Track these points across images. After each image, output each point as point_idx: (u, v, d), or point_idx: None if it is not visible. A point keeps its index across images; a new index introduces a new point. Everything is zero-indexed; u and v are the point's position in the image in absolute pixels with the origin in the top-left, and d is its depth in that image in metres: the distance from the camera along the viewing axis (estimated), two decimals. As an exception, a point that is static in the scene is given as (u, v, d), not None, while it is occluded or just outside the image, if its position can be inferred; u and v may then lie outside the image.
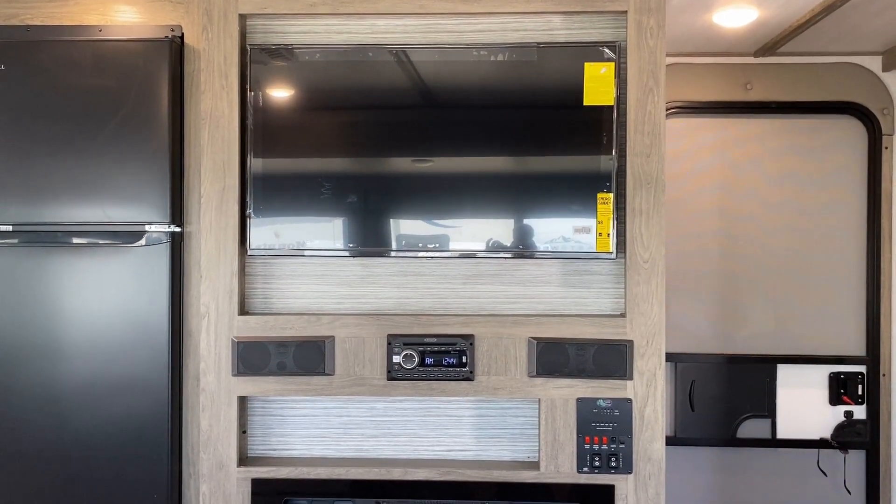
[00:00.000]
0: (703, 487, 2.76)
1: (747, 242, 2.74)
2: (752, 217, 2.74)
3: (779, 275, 2.73)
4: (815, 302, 2.72)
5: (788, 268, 2.73)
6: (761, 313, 2.74)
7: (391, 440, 2.15)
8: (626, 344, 2.01)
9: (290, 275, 2.14)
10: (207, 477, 2.07)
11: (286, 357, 2.04)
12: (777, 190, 2.74)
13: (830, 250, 2.73)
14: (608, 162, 2.00)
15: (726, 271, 2.75)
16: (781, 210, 2.73)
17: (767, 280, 2.74)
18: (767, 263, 2.74)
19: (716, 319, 2.75)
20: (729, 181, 2.75)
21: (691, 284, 2.74)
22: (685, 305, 2.72)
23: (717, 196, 2.75)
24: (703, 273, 2.75)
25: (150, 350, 2.08)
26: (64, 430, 2.09)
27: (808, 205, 2.73)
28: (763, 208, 2.74)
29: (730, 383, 2.73)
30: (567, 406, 2.03)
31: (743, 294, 2.74)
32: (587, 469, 2.03)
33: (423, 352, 2.04)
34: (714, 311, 2.75)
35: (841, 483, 2.71)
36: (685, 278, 2.73)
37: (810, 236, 2.73)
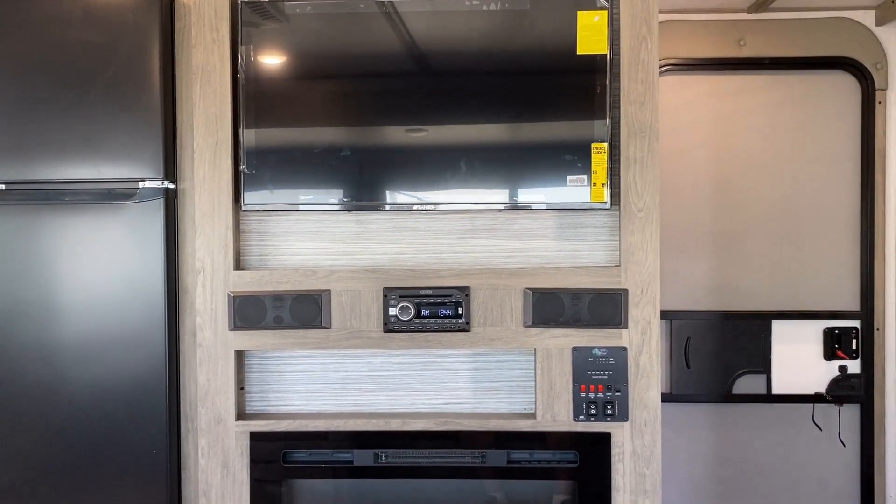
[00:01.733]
0: (699, 443, 2.78)
1: (741, 199, 2.75)
2: (745, 174, 2.75)
3: (773, 231, 2.74)
4: (810, 257, 2.73)
5: (782, 224, 2.74)
6: (756, 270, 2.75)
7: (389, 394, 2.16)
8: (621, 293, 2.02)
9: (284, 232, 2.14)
10: (206, 431, 2.08)
11: (283, 311, 2.04)
12: (771, 146, 2.74)
13: (824, 206, 2.73)
14: (602, 111, 2.00)
15: (720, 228, 2.75)
16: (775, 166, 2.74)
17: (762, 236, 2.74)
18: (761, 220, 2.74)
19: (710, 276, 2.75)
20: (723, 138, 2.75)
21: (686, 242, 2.75)
22: (680, 263, 2.73)
23: (711, 153, 2.75)
24: (697, 231, 2.75)
25: (146, 306, 2.08)
26: (61, 388, 2.09)
27: (802, 160, 2.73)
28: (757, 165, 2.74)
29: (725, 340, 2.75)
30: (563, 355, 2.04)
31: (737, 251, 2.75)
32: (583, 417, 2.04)
33: (419, 304, 2.04)
34: (708, 268, 2.75)
35: (835, 436, 2.73)
36: (680, 236, 2.73)
37: (804, 192, 2.73)
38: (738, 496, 2.78)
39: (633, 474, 2.05)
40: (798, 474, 2.76)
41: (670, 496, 2.72)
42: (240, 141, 2.05)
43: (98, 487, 2.10)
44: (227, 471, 2.08)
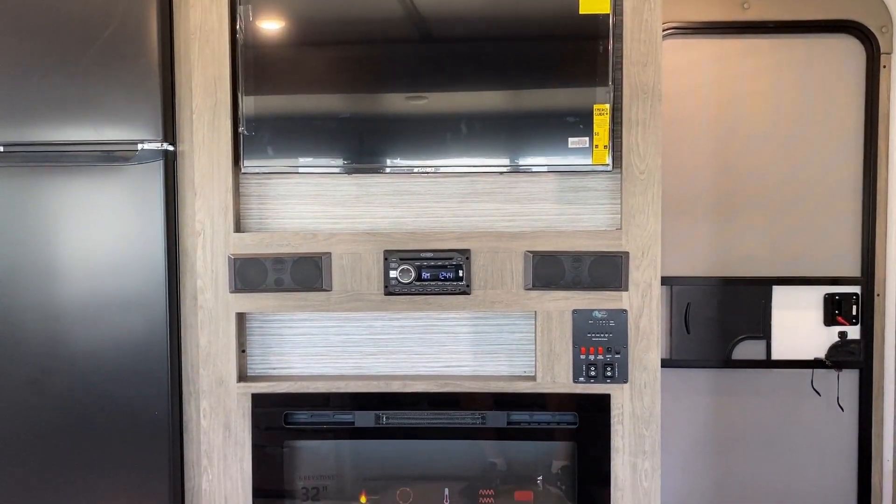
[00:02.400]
0: (698, 409, 2.79)
1: (743, 164, 2.73)
2: (747, 138, 2.73)
3: (774, 196, 2.72)
4: (811, 223, 2.72)
5: (784, 189, 2.72)
6: (757, 235, 2.74)
7: (389, 357, 2.16)
8: (622, 255, 2.02)
9: (284, 195, 2.13)
10: (207, 393, 2.09)
11: (283, 273, 2.04)
12: (774, 111, 2.72)
13: (826, 171, 2.72)
14: (605, 72, 1.98)
15: (722, 194, 2.74)
16: (778, 131, 2.72)
17: (763, 202, 2.73)
18: (763, 185, 2.73)
19: (711, 242, 2.75)
20: (725, 103, 2.73)
21: (686, 208, 2.73)
22: (680, 229, 2.72)
23: (713, 118, 2.73)
24: (698, 196, 2.74)
25: (146, 269, 2.08)
26: (62, 350, 2.10)
27: (805, 125, 2.71)
28: (759, 129, 2.72)
29: (725, 306, 2.75)
30: (563, 318, 2.05)
31: (738, 216, 2.74)
32: (583, 379, 2.05)
33: (419, 267, 2.04)
34: (709, 233, 2.75)
35: (834, 401, 2.75)
36: (680, 202, 2.72)
37: (806, 157, 2.71)
38: (736, 460, 2.80)
39: (632, 435, 2.06)
40: (796, 439, 2.78)
41: (669, 460, 2.74)
42: (239, 103, 2.03)
43: (100, 449, 2.12)
44: (228, 432, 2.09)
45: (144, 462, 2.12)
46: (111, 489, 2.13)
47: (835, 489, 2.80)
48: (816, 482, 2.80)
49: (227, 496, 2.11)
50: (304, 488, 2.15)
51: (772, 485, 2.81)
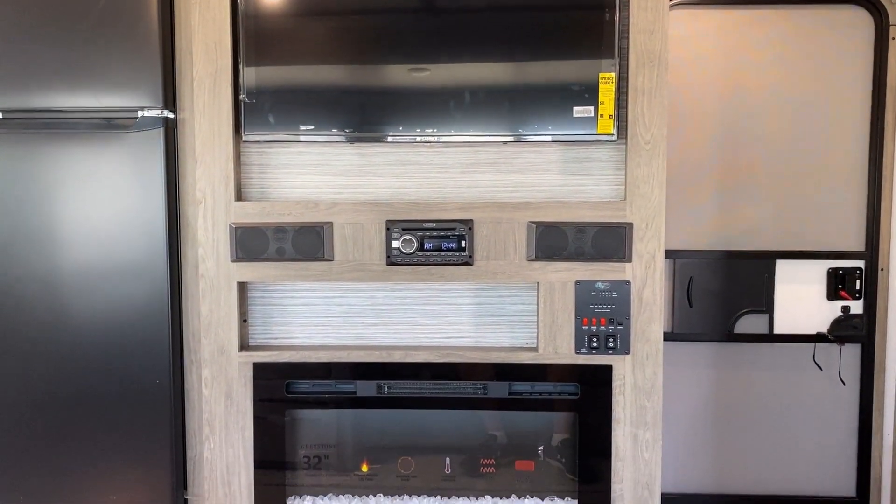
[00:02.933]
0: (700, 382, 2.79)
1: (748, 136, 2.70)
2: (753, 110, 2.69)
3: (779, 169, 2.70)
4: (816, 196, 2.70)
5: (789, 162, 2.69)
6: (761, 209, 2.72)
7: (391, 328, 2.16)
8: (626, 226, 2.00)
9: (286, 164, 2.11)
10: (209, 362, 2.09)
11: (285, 243, 2.03)
12: (780, 82, 2.68)
13: (832, 144, 2.69)
14: (611, 40, 1.95)
15: (726, 166, 2.71)
16: (783, 103, 2.68)
17: (767, 175, 2.70)
18: (768, 158, 2.70)
19: (715, 215, 2.72)
20: (731, 74, 2.69)
21: (690, 180, 2.71)
22: (684, 201, 2.70)
23: (718, 89, 2.69)
24: (702, 169, 2.71)
25: (147, 237, 2.07)
26: (64, 318, 2.10)
27: (812, 97, 2.67)
28: (765, 101, 2.69)
29: (728, 279, 2.73)
30: (565, 289, 2.04)
31: (743, 189, 2.71)
32: (585, 350, 2.05)
33: (422, 237, 2.03)
34: (713, 206, 2.72)
35: (835, 375, 2.74)
36: (684, 174, 2.70)
37: (812, 129, 2.68)
38: (737, 433, 2.80)
39: (633, 406, 2.06)
40: (797, 412, 2.78)
41: (670, 432, 2.74)
42: (240, 70, 2.01)
43: (102, 418, 2.13)
44: (230, 401, 2.10)
45: (146, 430, 2.12)
46: (113, 457, 2.14)
47: (835, 462, 2.81)
48: (816, 455, 2.81)
49: (229, 464, 2.11)
50: (305, 457, 2.16)
51: (772, 457, 2.82)
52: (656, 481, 2.08)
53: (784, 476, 2.81)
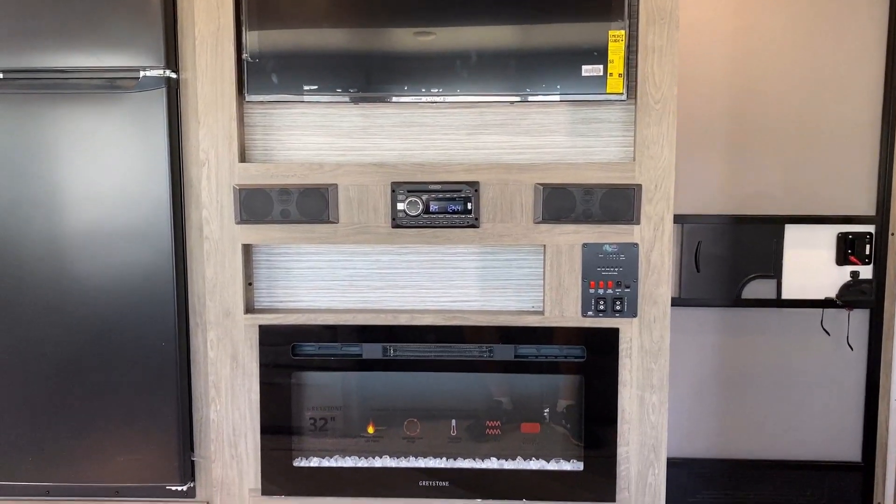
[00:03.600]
0: (707, 347, 2.78)
1: (758, 99, 2.65)
2: (764, 72, 2.64)
3: (790, 132, 2.65)
4: (827, 160, 2.66)
5: (800, 124, 2.65)
6: (771, 172, 2.68)
7: (397, 292, 2.15)
8: (635, 188, 1.97)
9: (289, 125, 2.09)
10: (214, 324, 2.08)
11: (289, 205, 2.01)
12: (792, 43, 2.63)
13: (844, 106, 2.64)
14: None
15: (736, 129, 2.67)
16: (795, 64, 2.63)
17: (778, 138, 2.66)
18: (778, 121, 2.65)
19: (724, 179, 2.69)
20: (742, 34, 2.64)
21: (699, 143, 2.67)
22: (693, 165, 2.66)
23: (729, 50, 2.65)
24: (711, 131, 2.67)
25: (151, 199, 2.05)
26: (69, 282, 2.09)
27: (824, 58, 2.62)
28: (776, 62, 2.64)
29: (736, 244, 2.71)
30: (572, 251, 2.02)
31: (753, 153, 2.67)
32: (591, 313, 2.03)
33: (427, 199, 2.01)
34: (722, 170, 2.69)
35: (843, 341, 2.73)
36: (693, 137, 2.66)
37: (824, 92, 2.63)
38: (743, 398, 2.80)
39: (640, 369, 2.05)
40: (804, 378, 2.77)
41: (676, 398, 2.74)
42: (242, 29, 1.97)
43: (108, 379, 2.13)
44: (236, 363, 2.10)
45: (152, 393, 2.13)
46: (120, 419, 2.14)
47: (841, 427, 2.81)
48: (822, 421, 2.81)
49: (235, 426, 2.12)
50: (312, 419, 2.16)
51: (778, 423, 2.82)
52: (662, 444, 2.08)
53: (789, 441, 2.81)
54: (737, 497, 2.84)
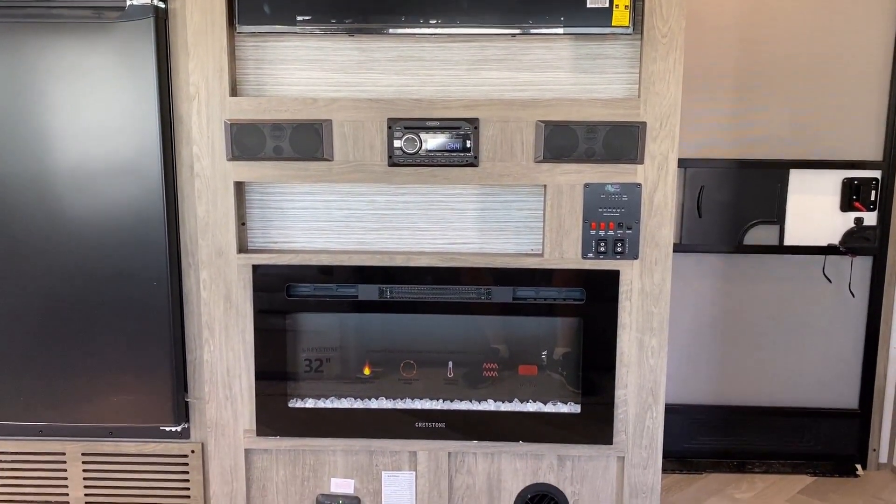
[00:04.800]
0: (707, 294, 2.75)
1: (766, 41, 2.57)
2: (773, 12, 2.55)
3: (797, 74, 2.58)
4: (834, 103, 2.59)
5: (808, 66, 2.57)
6: (776, 116, 2.61)
7: (393, 233, 2.10)
8: (639, 125, 1.92)
9: (282, 59, 2.01)
10: (207, 263, 2.04)
11: (282, 141, 1.95)
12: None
13: (853, 50, 2.56)
14: (628, -77, 1.82)
15: (741, 71, 2.59)
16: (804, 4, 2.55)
17: (785, 81, 2.58)
18: (786, 61, 2.57)
19: (728, 122, 2.62)
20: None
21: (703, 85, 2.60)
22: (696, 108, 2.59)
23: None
24: (716, 72, 2.59)
25: (140, 135, 1.99)
26: (58, 221, 2.05)
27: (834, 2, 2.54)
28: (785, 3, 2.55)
29: (739, 189, 2.66)
30: (574, 192, 1.97)
31: (758, 95, 2.60)
32: (592, 255, 1.99)
33: (425, 136, 1.95)
34: (727, 113, 2.62)
35: (845, 288, 2.70)
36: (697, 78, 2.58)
37: (833, 34, 2.55)
38: (742, 345, 2.79)
39: (640, 312, 2.02)
40: (804, 325, 2.76)
41: (674, 344, 2.72)
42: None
43: (100, 319, 2.10)
44: (229, 303, 2.06)
45: (145, 333, 2.10)
46: (112, 359, 2.12)
47: (838, 375, 2.80)
48: (821, 368, 2.80)
49: (230, 367, 2.10)
50: (307, 360, 2.14)
51: (776, 369, 2.81)
52: (661, 387, 2.06)
53: (787, 388, 2.81)
54: (734, 443, 2.84)
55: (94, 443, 2.21)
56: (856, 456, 2.83)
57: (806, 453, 2.84)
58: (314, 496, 2.18)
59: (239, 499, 2.16)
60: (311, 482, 2.17)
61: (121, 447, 2.20)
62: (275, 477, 2.17)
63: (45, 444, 2.21)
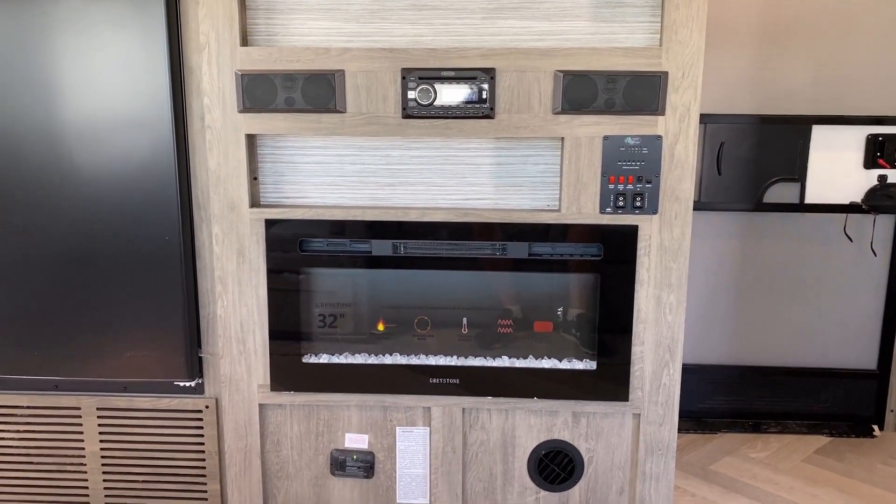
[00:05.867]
0: (725, 253, 2.72)
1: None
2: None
3: (822, 27, 2.50)
4: (859, 59, 2.52)
5: (832, 20, 2.50)
6: (800, 70, 2.54)
7: (407, 189, 2.06)
8: (661, 75, 1.86)
9: (293, 8, 1.96)
10: (219, 217, 2.02)
11: (294, 92, 1.91)
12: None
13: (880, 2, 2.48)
14: None
15: (764, 23, 2.52)
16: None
17: (809, 34, 2.51)
18: (810, 15, 2.50)
19: (750, 77, 2.56)
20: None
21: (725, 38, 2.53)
22: (718, 61, 2.53)
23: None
24: (738, 25, 2.52)
25: (150, 86, 1.95)
26: (67, 174, 2.02)
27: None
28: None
29: (761, 146, 2.60)
30: (592, 144, 1.92)
31: (781, 49, 2.53)
32: (610, 210, 1.96)
33: (440, 87, 1.90)
34: (749, 67, 2.55)
35: (866, 247, 2.66)
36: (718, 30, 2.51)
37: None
38: (760, 304, 2.75)
39: (658, 268, 1.99)
40: (823, 285, 2.72)
41: (691, 302, 2.70)
42: None
43: (111, 274, 2.08)
44: (242, 258, 2.04)
45: (158, 288, 2.08)
46: (125, 315, 2.11)
47: (858, 335, 2.77)
48: (840, 328, 2.76)
49: (243, 322, 2.08)
50: (321, 315, 2.12)
51: (794, 329, 2.78)
52: (678, 344, 2.03)
53: (804, 348, 2.78)
54: (749, 403, 2.83)
55: (108, 397, 2.21)
56: (873, 416, 2.81)
57: (822, 414, 2.82)
58: (328, 451, 2.18)
59: (253, 453, 2.17)
60: (325, 437, 2.17)
61: (135, 402, 2.21)
62: (289, 432, 2.17)
63: (60, 399, 2.22)
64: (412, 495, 2.19)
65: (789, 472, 2.55)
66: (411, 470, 2.18)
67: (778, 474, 2.54)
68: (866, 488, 2.45)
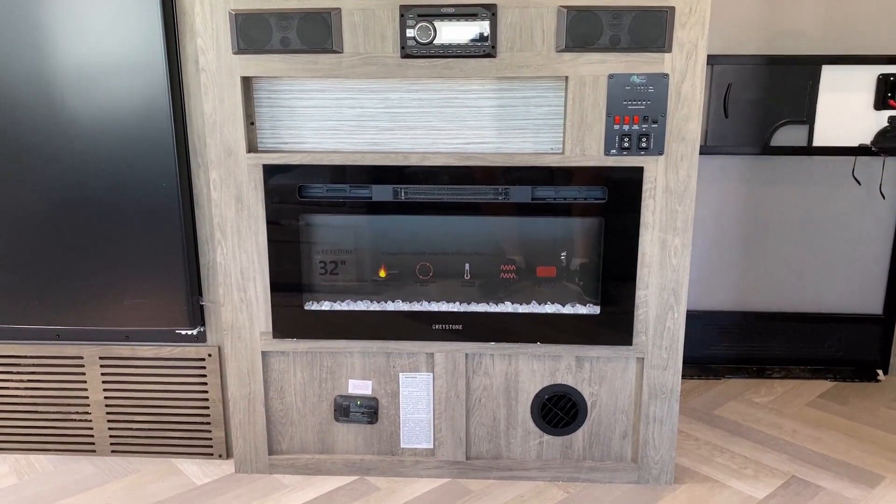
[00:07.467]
0: (732, 197, 2.67)
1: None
2: None
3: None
4: (872, -7, 2.45)
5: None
6: (808, 8, 2.47)
7: (408, 133, 2.02)
8: (667, 10, 1.80)
9: (288, -55, 1.89)
10: (216, 164, 1.98)
11: (289, 32, 1.85)
12: None
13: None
14: None
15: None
16: None
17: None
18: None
19: (757, 14, 2.48)
20: None
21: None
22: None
23: None
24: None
25: (141, 27, 1.90)
26: (60, 121, 1.98)
27: None
28: None
29: (769, 87, 2.54)
30: (597, 83, 1.87)
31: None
32: (615, 151, 1.91)
33: (440, 24, 1.84)
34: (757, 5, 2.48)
35: (875, 190, 2.61)
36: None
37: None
38: (766, 249, 2.73)
39: (664, 211, 1.96)
40: (830, 229, 2.68)
41: (696, 247, 2.67)
42: None
43: (108, 221, 2.06)
44: (241, 205, 2.01)
45: (156, 235, 2.06)
46: (124, 263, 2.09)
47: (864, 279, 2.74)
48: (846, 272, 2.74)
49: (244, 269, 2.07)
50: (322, 262, 2.10)
51: (800, 273, 2.76)
52: (683, 287, 2.01)
53: (810, 293, 2.76)
54: (753, 349, 2.82)
55: (111, 346, 2.21)
56: (877, 361, 2.80)
57: (826, 359, 2.82)
58: (332, 397, 2.19)
59: (257, 401, 2.17)
60: (328, 384, 2.17)
61: (137, 351, 2.20)
62: (292, 379, 2.17)
63: (63, 348, 2.22)
64: (416, 440, 2.20)
65: (793, 417, 2.56)
66: (415, 415, 2.18)
67: (782, 418, 2.54)
68: (870, 431, 2.46)
